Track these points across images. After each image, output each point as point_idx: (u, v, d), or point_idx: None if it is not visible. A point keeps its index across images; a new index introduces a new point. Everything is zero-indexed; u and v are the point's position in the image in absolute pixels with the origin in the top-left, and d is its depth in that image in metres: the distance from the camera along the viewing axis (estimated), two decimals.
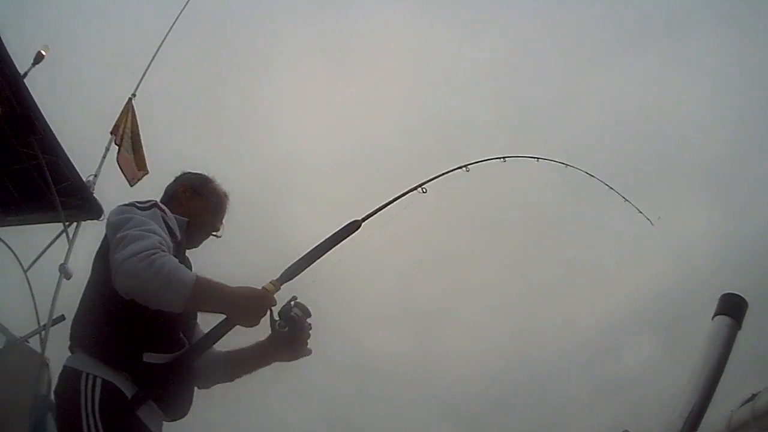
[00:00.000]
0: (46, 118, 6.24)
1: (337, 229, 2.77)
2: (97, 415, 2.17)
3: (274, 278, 2.54)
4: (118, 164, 7.49)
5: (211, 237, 2.89)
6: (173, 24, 8.73)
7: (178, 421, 2.52)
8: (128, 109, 8.00)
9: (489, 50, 22.26)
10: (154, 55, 8.48)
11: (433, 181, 3.22)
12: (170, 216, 2.57)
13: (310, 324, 2.63)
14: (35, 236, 7.13)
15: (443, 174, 3.34)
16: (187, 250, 2.76)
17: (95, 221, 7.09)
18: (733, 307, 1.68)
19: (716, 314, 1.68)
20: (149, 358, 2.34)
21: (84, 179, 7.08)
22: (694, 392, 1.53)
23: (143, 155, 7.90)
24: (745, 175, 19.07)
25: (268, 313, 2.50)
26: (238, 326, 2.49)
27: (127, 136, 7.71)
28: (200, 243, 2.86)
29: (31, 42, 7.12)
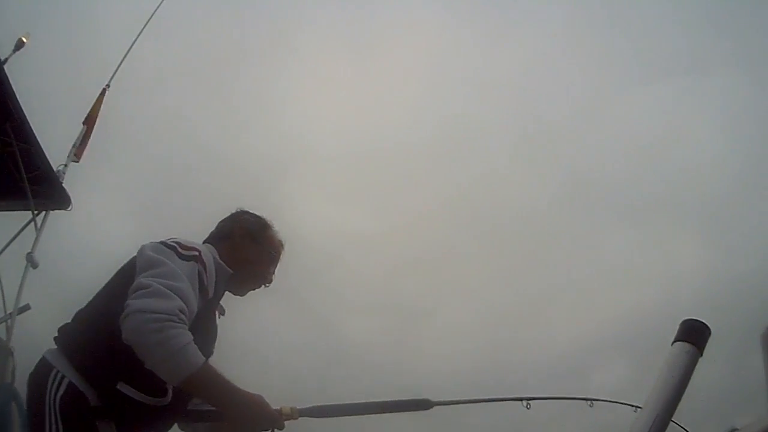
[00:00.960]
0: (22, 106, 6.20)
1: (405, 399, 2.57)
2: (58, 410, 2.15)
3: (298, 406, 2.43)
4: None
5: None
6: (154, 12, 8.63)
7: None
8: (101, 100, 7.94)
9: (509, 60, 22.28)
10: (131, 47, 8.34)
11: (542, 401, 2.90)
12: (210, 269, 2.42)
13: None
14: (2, 224, 7.07)
15: (559, 398, 3.05)
16: (233, 295, 2.69)
17: (63, 211, 7.06)
18: (694, 334, 1.61)
19: (676, 340, 1.60)
20: (123, 388, 2.23)
21: (54, 169, 7.03)
22: (648, 421, 1.48)
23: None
24: (742, 217, 19.35)
25: None
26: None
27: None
28: (248, 292, 2.75)
29: (12, 29, 7.06)
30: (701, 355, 1.59)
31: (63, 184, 7.12)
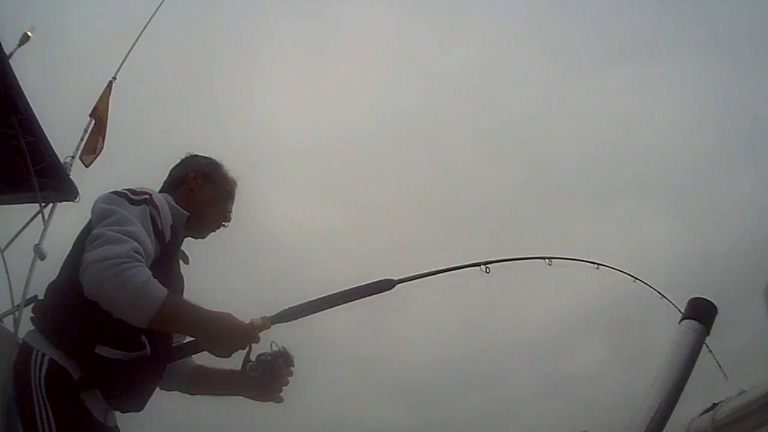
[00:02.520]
0: (29, 99, 6.21)
1: (366, 283, 2.52)
2: (44, 390, 2.11)
3: (268, 314, 2.36)
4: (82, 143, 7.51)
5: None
6: (158, 8, 8.72)
7: (131, 413, 2.39)
8: (108, 92, 8.00)
9: (470, 53, 22.41)
10: (136, 40, 8.46)
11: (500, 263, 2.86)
12: (165, 213, 2.39)
13: (291, 372, 2.45)
14: (10, 217, 7.08)
15: (519, 259, 3.00)
16: (194, 239, 2.68)
17: (71, 202, 7.07)
18: (702, 312, 1.64)
19: (684, 318, 1.65)
20: (101, 350, 2.20)
21: (62, 161, 7.05)
22: (658, 397, 1.50)
23: (97, 139, 7.76)
24: (714, 196, 19.54)
25: (247, 348, 2.34)
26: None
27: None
28: (209, 233, 2.73)
29: (18, 23, 7.08)
30: (708, 333, 1.62)
31: (70, 176, 7.15)
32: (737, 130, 18.81)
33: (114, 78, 8.12)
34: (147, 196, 2.34)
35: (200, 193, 2.66)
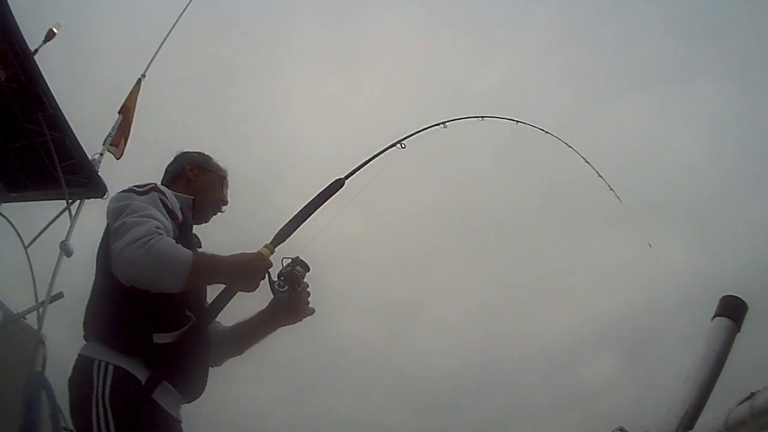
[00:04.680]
0: (55, 96, 6.19)
1: (322, 189, 2.84)
2: (107, 401, 2.15)
3: (267, 242, 2.57)
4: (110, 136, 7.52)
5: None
6: (187, 5, 8.73)
7: (194, 401, 2.55)
8: (137, 90, 8.02)
9: (495, 69, 22.64)
10: (166, 37, 8.47)
11: (412, 137, 3.26)
12: (171, 196, 2.58)
13: (306, 283, 2.65)
14: (38, 213, 7.13)
15: (422, 130, 3.36)
16: (196, 226, 2.82)
17: (98, 199, 7.06)
18: (732, 310, 1.67)
19: (716, 315, 1.67)
20: (159, 338, 2.34)
21: (90, 157, 7.05)
22: (691, 392, 1.52)
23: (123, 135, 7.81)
24: (727, 221, 19.74)
25: (267, 275, 2.52)
26: (240, 293, 2.54)
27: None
28: (210, 217, 2.92)
29: (43, 19, 7.10)
30: (739, 330, 1.66)
31: (99, 173, 7.15)
32: (754, 155, 18.81)
33: (143, 75, 8.13)
34: (152, 185, 2.57)
35: (197, 181, 2.89)
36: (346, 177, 2.91)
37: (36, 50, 6.33)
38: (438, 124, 3.48)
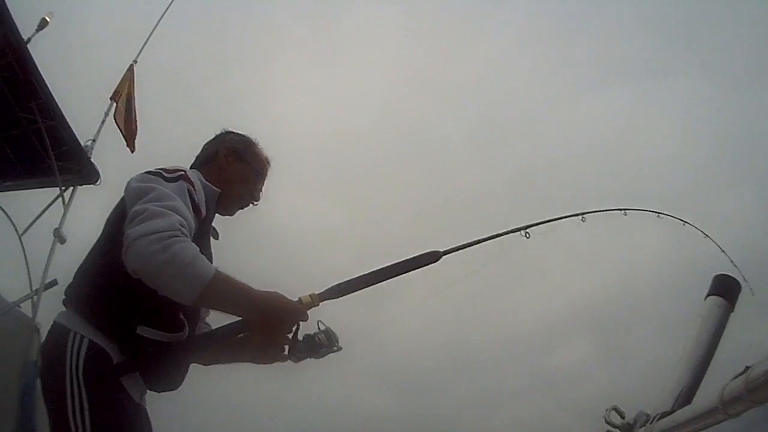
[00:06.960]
0: (48, 84, 6.20)
1: (414, 255, 2.49)
2: (81, 373, 2.06)
3: (316, 291, 2.34)
4: (120, 129, 7.49)
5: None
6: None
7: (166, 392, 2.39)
8: (129, 76, 8.00)
9: (469, 64, 22.81)
10: (157, 23, 8.46)
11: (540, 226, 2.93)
12: (199, 189, 2.36)
13: (332, 349, 2.39)
14: (31, 201, 7.11)
15: (553, 220, 3.05)
16: (221, 217, 2.64)
17: (91, 186, 7.07)
18: (726, 289, 1.65)
19: (709, 294, 1.64)
20: (143, 331, 2.19)
21: (82, 144, 7.04)
22: (685, 371, 1.49)
23: (132, 121, 7.84)
24: (700, 212, 19.71)
25: (295, 328, 2.29)
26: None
27: (123, 101, 7.68)
28: (236, 212, 2.69)
29: (35, 8, 7.08)
30: (733, 309, 1.65)
31: (92, 159, 7.14)
32: (726, 147, 18.95)
33: (135, 61, 8.11)
34: (182, 173, 2.33)
35: (230, 171, 2.63)
36: (445, 252, 2.57)
37: (29, 39, 6.32)
38: (576, 215, 3.17)
